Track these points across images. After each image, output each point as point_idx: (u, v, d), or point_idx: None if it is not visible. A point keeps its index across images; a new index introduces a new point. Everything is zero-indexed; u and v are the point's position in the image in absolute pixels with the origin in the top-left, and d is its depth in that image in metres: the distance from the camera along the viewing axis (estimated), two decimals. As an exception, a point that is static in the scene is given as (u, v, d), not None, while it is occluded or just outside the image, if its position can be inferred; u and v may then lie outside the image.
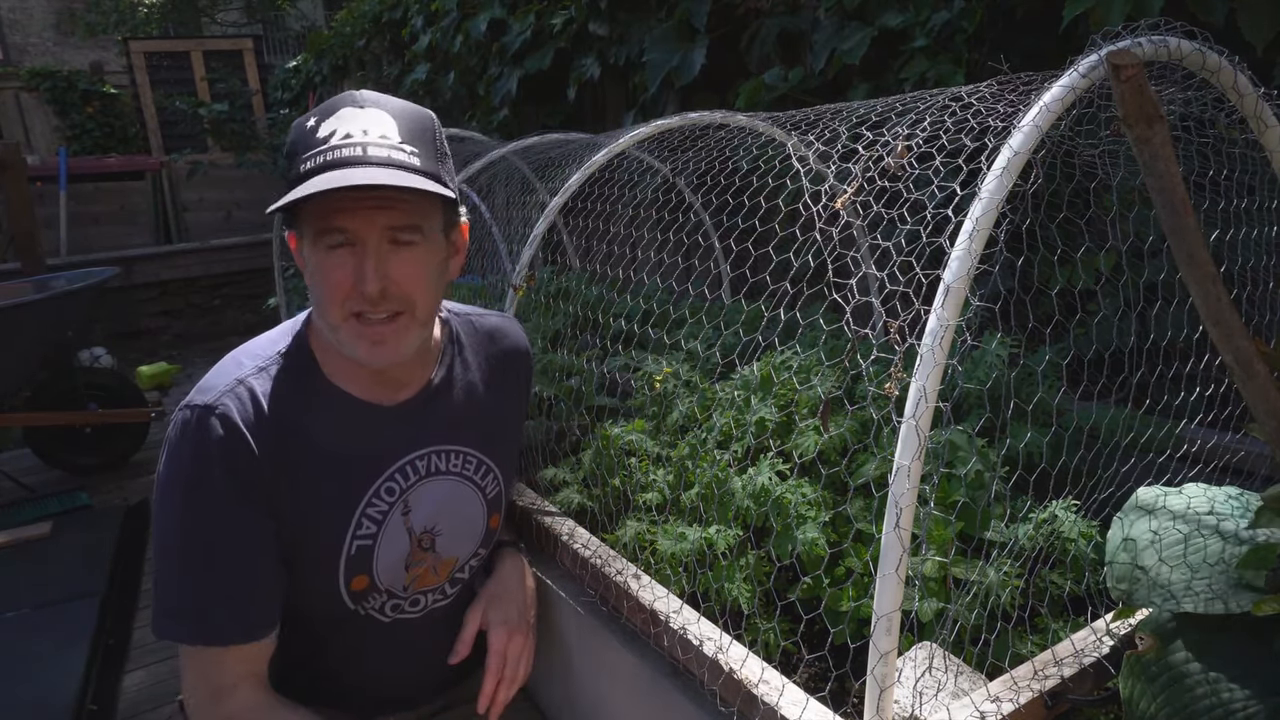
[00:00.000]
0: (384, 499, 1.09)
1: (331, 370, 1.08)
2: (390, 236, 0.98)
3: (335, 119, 0.98)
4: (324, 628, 1.13)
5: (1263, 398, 0.80)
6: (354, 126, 0.97)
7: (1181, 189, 0.77)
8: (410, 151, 0.98)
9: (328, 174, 0.92)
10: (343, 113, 0.98)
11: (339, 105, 0.99)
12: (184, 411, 1.00)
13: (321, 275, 0.97)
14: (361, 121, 0.98)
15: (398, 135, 0.98)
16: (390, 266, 0.97)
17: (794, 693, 0.92)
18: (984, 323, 1.63)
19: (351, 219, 0.95)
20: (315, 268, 0.98)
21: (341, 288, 0.97)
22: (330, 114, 0.98)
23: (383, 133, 0.98)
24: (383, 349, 1.00)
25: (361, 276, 0.96)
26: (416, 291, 1.00)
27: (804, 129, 1.55)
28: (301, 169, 0.95)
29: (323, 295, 0.98)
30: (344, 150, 0.94)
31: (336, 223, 0.95)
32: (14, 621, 2.30)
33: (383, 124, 0.99)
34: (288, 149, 0.99)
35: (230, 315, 7.17)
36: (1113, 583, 0.94)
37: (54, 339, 3.51)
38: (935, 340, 0.79)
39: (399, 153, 0.97)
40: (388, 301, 0.98)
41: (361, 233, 0.96)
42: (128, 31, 11.06)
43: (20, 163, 4.41)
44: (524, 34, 3.67)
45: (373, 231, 0.96)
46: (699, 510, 1.30)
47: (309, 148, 0.96)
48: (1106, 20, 1.63)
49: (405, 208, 0.97)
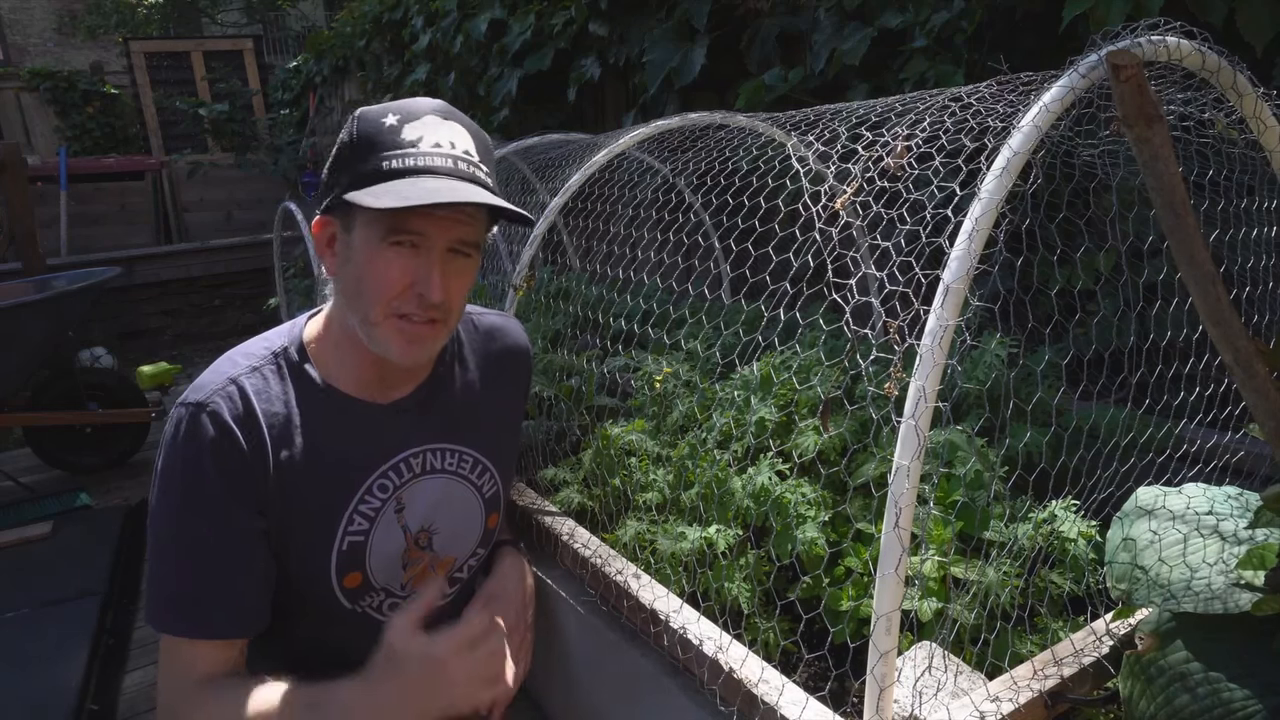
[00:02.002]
0: (376, 496, 1.10)
1: (326, 370, 1.08)
2: (454, 248, 1.01)
3: (420, 125, 1.00)
4: (322, 626, 1.14)
5: (1263, 398, 0.80)
6: (441, 137, 1.00)
7: (1181, 189, 0.77)
8: (485, 173, 1.02)
9: (425, 180, 0.95)
10: (427, 119, 1.01)
11: (422, 110, 1.02)
12: (178, 410, 1.01)
13: (377, 271, 0.98)
14: (448, 133, 1.01)
15: (476, 154, 1.02)
16: (448, 277, 1.00)
17: (794, 692, 0.92)
18: (983, 323, 1.63)
19: (428, 223, 0.98)
20: (368, 261, 0.99)
21: (395, 286, 0.99)
22: (414, 118, 1.00)
23: (466, 149, 1.02)
24: (417, 348, 1.03)
25: (428, 283, 0.98)
26: (458, 303, 1.05)
27: (804, 129, 1.55)
28: (383, 165, 0.97)
29: (371, 290, 0.99)
30: (435, 160, 0.98)
31: (413, 224, 0.97)
32: (14, 621, 2.30)
33: (465, 140, 1.02)
34: (359, 139, 1.00)
35: (230, 315, 7.16)
36: (1112, 583, 0.94)
37: (54, 339, 3.51)
38: (935, 340, 0.79)
39: (479, 171, 1.01)
40: (434, 309, 1.01)
41: (433, 240, 0.99)
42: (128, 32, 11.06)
43: (20, 163, 4.41)
44: (524, 34, 3.67)
45: (443, 240, 0.99)
46: (699, 510, 1.30)
47: (393, 146, 0.98)
48: (1106, 20, 1.63)
49: (475, 225, 1.02)
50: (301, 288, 4.29)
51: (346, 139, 1.02)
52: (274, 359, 1.07)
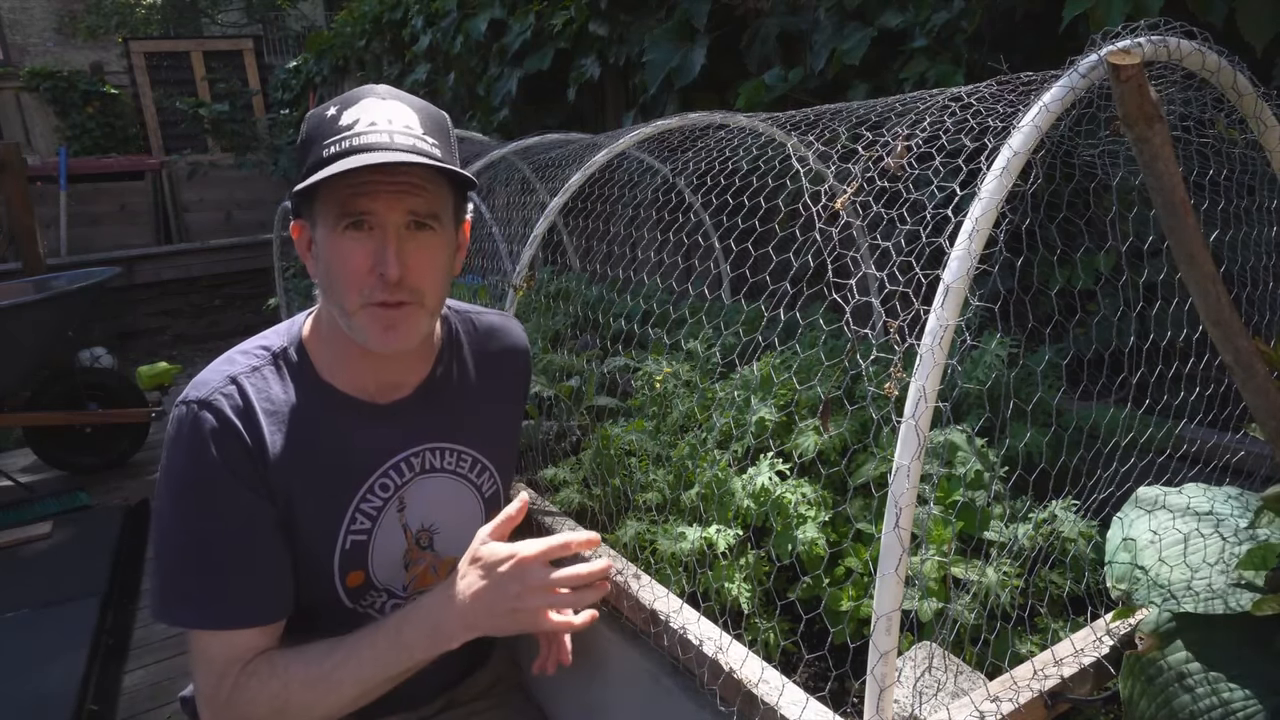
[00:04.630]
0: (378, 495, 1.10)
1: (326, 369, 1.08)
2: (410, 222, 0.99)
3: (358, 108, 0.99)
4: (325, 627, 1.13)
5: (1263, 398, 0.80)
6: (378, 115, 0.98)
7: (1181, 189, 0.77)
8: (432, 143, 0.99)
9: (358, 157, 0.93)
10: (365, 103, 0.99)
11: (360, 96, 1.01)
12: (179, 408, 1.01)
13: (339, 259, 0.98)
14: (385, 111, 0.99)
15: (420, 127, 1.00)
16: (408, 254, 0.98)
17: (794, 692, 0.92)
18: (984, 323, 1.63)
19: (374, 201, 0.96)
20: (331, 252, 0.98)
21: (359, 272, 0.97)
22: (352, 104, 1.00)
23: (406, 123, 0.99)
24: (394, 334, 1.01)
25: (383, 260, 0.96)
26: (427, 281, 1.01)
27: (804, 129, 1.55)
28: (323, 154, 0.96)
29: (339, 280, 0.98)
30: (369, 136, 0.96)
31: (359, 205, 0.96)
32: (14, 621, 2.30)
33: (405, 115, 1.00)
34: (304, 137, 1.00)
35: (230, 315, 7.17)
36: (1112, 583, 0.94)
37: (54, 339, 3.51)
38: (935, 340, 0.79)
39: (422, 143, 0.98)
40: (400, 290, 0.99)
41: (383, 216, 0.97)
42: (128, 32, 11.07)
43: (20, 163, 4.41)
44: (524, 34, 3.66)
45: (394, 216, 0.97)
46: (699, 510, 1.30)
47: (330, 134, 0.97)
48: (1106, 20, 1.63)
49: (427, 195, 0.99)
50: (301, 288, 4.29)
51: (299, 139, 1.02)
52: (273, 359, 1.07)
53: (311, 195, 0.98)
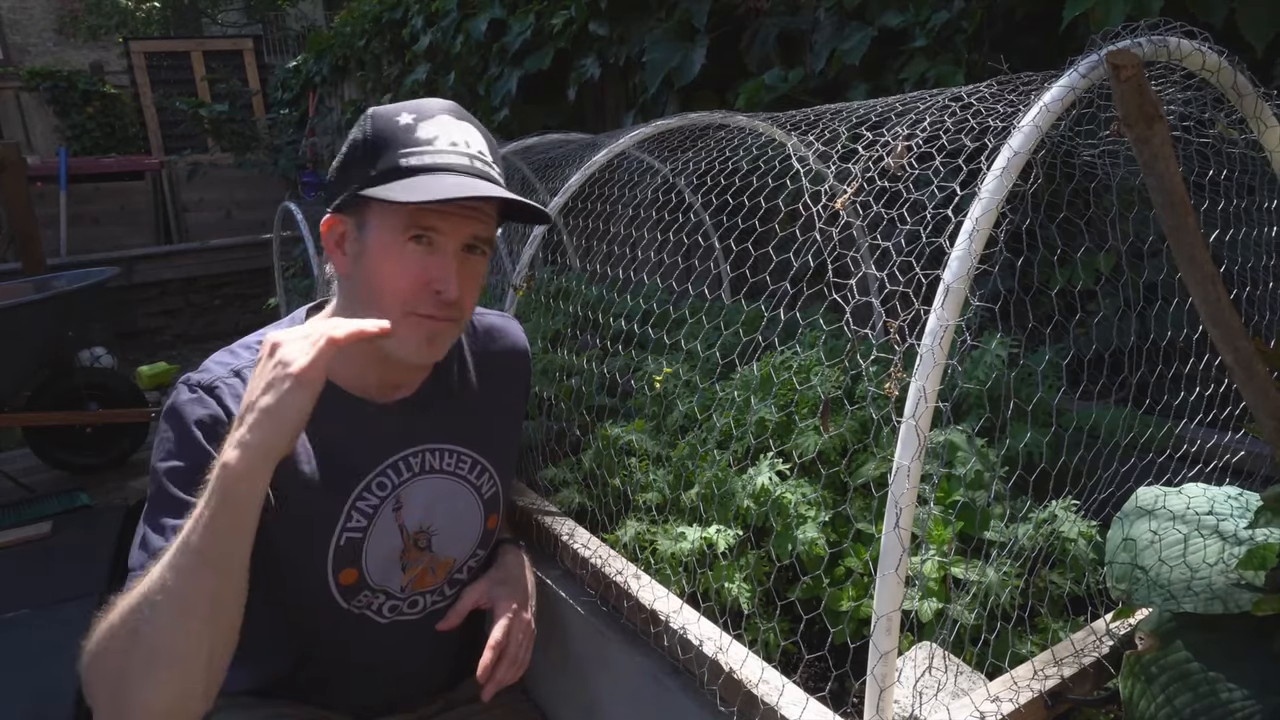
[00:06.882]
0: (375, 494, 1.10)
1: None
2: (469, 245, 1.03)
3: (435, 124, 1.02)
4: (320, 628, 1.13)
5: (1263, 398, 0.80)
6: (457, 135, 1.02)
7: (1181, 189, 0.77)
8: (497, 172, 1.05)
9: (444, 176, 0.97)
10: (442, 119, 1.03)
11: (436, 110, 1.04)
12: (180, 387, 1.02)
13: (396, 268, 0.99)
14: (462, 132, 1.03)
15: (489, 154, 1.05)
16: (462, 276, 1.02)
17: (794, 692, 0.92)
18: (984, 323, 1.63)
19: (444, 220, 0.99)
20: (384, 259, 1.00)
21: (414, 285, 1.00)
22: (429, 116, 1.02)
23: (480, 149, 1.04)
24: (434, 346, 1.04)
25: (446, 281, 1.00)
26: (469, 301, 1.05)
27: (804, 129, 1.55)
28: (402, 163, 0.98)
29: (388, 287, 1.00)
30: (450, 157, 1.00)
31: (429, 221, 0.99)
32: (14, 621, 2.30)
33: (479, 140, 1.05)
34: (375, 137, 1.01)
35: (230, 315, 7.16)
36: (1113, 583, 0.94)
37: (54, 339, 3.51)
38: (935, 340, 0.79)
39: (492, 170, 1.04)
40: (450, 308, 1.02)
41: (449, 236, 1.00)
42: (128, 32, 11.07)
43: (20, 163, 4.41)
44: (524, 34, 3.66)
45: (459, 238, 1.01)
46: (699, 510, 1.30)
47: (408, 144, 0.99)
48: (1106, 20, 1.63)
49: (488, 223, 1.04)
50: (301, 288, 4.29)
51: (360, 137, 1.02)
52: None
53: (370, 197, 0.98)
